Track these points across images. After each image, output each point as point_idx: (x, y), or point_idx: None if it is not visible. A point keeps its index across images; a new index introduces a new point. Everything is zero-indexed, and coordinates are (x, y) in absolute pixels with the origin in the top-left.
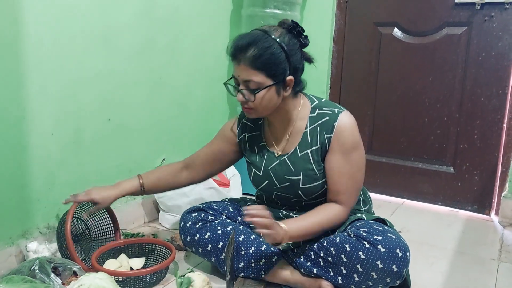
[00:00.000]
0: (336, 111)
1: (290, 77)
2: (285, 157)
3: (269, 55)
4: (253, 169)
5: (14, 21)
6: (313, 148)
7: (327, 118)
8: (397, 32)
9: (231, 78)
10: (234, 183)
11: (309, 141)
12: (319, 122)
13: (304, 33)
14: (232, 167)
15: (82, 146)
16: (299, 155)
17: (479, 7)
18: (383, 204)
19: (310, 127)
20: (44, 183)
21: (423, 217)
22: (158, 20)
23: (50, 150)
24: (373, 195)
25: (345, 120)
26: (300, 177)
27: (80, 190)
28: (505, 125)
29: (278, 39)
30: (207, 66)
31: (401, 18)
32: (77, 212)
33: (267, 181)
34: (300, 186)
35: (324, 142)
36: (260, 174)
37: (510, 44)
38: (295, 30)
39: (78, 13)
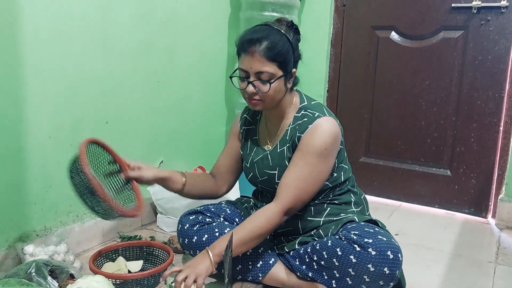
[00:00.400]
0: (316, 115)
1: (294, 69)
2: (267, 152)
3: (280, 47)
4: (243, 161)
5: (12, 23)
6: (288, 145)
7: (306, 119)
8: (394, 35)
9: (235, 70)
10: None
11: (287, 138)
12: (299, 122)
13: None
14: None
15: None
16: (278, 150)
17: (475, 11)
18: (380, 206)
19: (292, 126)
20: (41, 186)
21: (420, 219)
22: (156, 23)
23: (47, 152)
24: (370, 198)
25: (320, 124)
26: (276, 171)
27: None
28: (501, 128)
29: (285, 33)
30: (205, 69)
31: (398, 22)
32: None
33: (252, 173)
34: (276, 180)
35: (294, 140)
36: (248, 165)
37: (507, 48)
38: (293, 27)
39: (77, 16)
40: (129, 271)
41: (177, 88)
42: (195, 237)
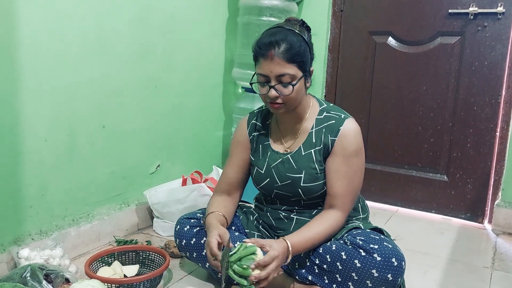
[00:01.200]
0: (342, 116)
1: (312, 68)
2: (288, 155)
3: (298, 47)
4: (256, 167)
5: (9, 26)
6: (317, 148)
7: (334, 121)
8: (391, 41)
9: (254, 75)
10: None
11: (314, 141)
12: (325, 124)
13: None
14: None
15: (76, 152)
16: (303, 154)
17: (472, 17)
18: (377, 212)
19: (316, 128)
20: (37, 189)
21: (417, 225)
22: (154, 27)
23: (43, 156)
24: (367, 203)
25: (350, 126)
26: (302, 175)
27: (73, 196)
28: (498, 133)
29: (300, 33)
30: (202, 73)
31: (396, 27)
32: None
33: (268, 179)
34: (301, 184)
35: (327, 143)
36: (262, 172)
37: (503, 54)
38: (304, 25)
39: (74, 19)
40: (125, 276)
41: (174, 92)
42: (194, 239)
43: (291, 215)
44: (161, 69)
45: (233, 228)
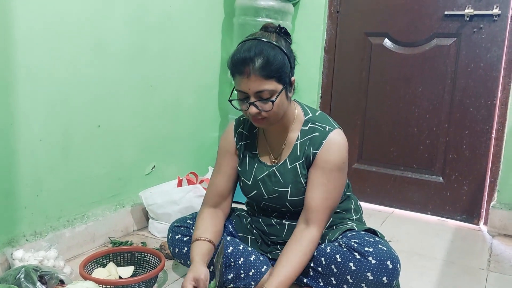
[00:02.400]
0: (327, 129)
1: (293, 78)
2: (274, 168)
3: (276, 61)
4: (243, 178)
5: (4, 26)
6: (300, 161)
7: (317, 133)
8: (387, 42)
9: (232, 92)
10: None
11: (298, 154)
12: (309, 136)
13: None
14: None
15: (71, 152)
16: (289, 167)
17: (468, 19)
18: (373, 213)
19: (301, 140)
20: (31, 190)
21: (412, 226)
22: (149, 27)
23: (38, 156)
24: (363, 204)
25: (334, 139)
26: (289, 189)
27: (67, 197)
28: (493, 135)
29: (277, 44)
30: (198, 73)
31: (392, 29)
32: None
33: (255, 191)
34: (288, 198)
35: (309, 156)
36: (249, 183)
37: (499, 56)
38: (282, 32)
39: (70, 19)
40: (120, 277)
41: (170, 93)
42: (186, 248)
43: (283, 221)
44: (156, 69)
45: (224, 233)
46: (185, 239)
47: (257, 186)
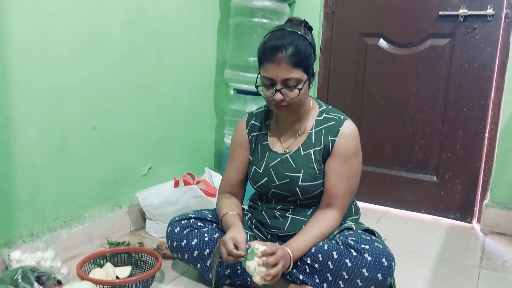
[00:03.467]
0: (342, 118)
1: (315, 69)
2: (287, 155)
3: (305, 52)
4: (254, 167)
5: None
6: (316, 148)
7: (333, 122)
8: (382, 42)
9: (257, 77)
10: None
11: (313, 141)
12: (325, 125)
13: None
14: (219, 176)
15: (67, 154)
16: (302, 153)
17: (462, 19)
18: (368, 212)
19: (316, 129)
20: (28, 191)
21: (406, 225)
22: (145, 28)
23: (34, 158)
24: (358, 203)
25: (349, 127)
26: (301, 174)
27: (64, 198)
28: (486, 135)
29: (305, 36)
30: (194, 74)
31: (387, 29)
32: None
33: (266, 178)
34: (299, 183)
35: (328, 144)
36: (260, 171)
37: (492, 56)
38: (307, 25)
39: (66, 20)
40: (117, 277)
41: (166, 93)
42: (184, 241)
43: (286, 214)
44: (152, 70)
45: (214, 225)
46: (185, 232)
47: (268, 173)
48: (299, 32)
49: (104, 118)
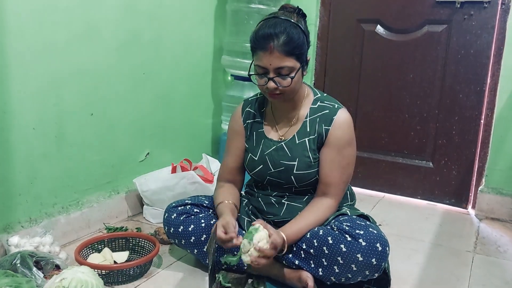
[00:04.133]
0: (336, 106)
1: (309, 57)
2: (282, 143)
3: (297, 40)
4: (250, 154)
5: None
6: (311, 137)
7: (327, 111)
8: (379, 29)
9: (250, 65)
10: None
11: (308, 130)
12: (319, 113)
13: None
14: (217, 162)
15: (65, 140)
16: (297, 142)
17: (459, 6)
18: (364, 198)
19: (310, 117)
20: (26, 177)
21: (402, 210)
22: (142, 14)
23: (32, 144)
24: (354, 189)
25: (343, 116)
26: (296, 162)
27: (62, 184)
28: (482, 121)
29: (298, 24)
30: (191, 61)
31: (384, 15)
32: None
33: (261, 166)
34: (294, 171)
35: (322, 133)
36: (256, 158)
37: (488, 42)
38: (300, 13)
39: (61, 6)
40: (115, 262)
41: (163, 80)
42: (181, 227)
43: (282, 201)
44: (149, 57)
45: (211, 211)
46: (181, 218)
47: (263, 161)
48: (292, 20)
49: (101, 105)
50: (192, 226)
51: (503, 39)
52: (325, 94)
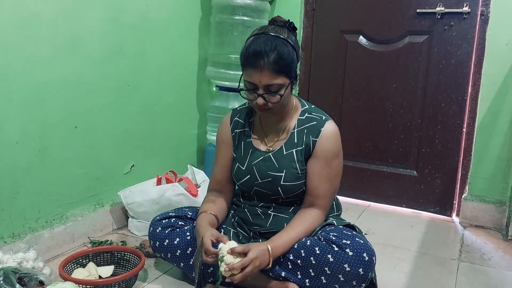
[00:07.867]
0: (323, 118)
1: (298, 72)
2: (270, 154)
3: (287, 58)
4: (237, 163)
5: None
6: (298, 148)
7: (315, 122)
8: (362, 39)
9: (240, 80)
10: (204, 189)
11: (295, 141)
12: (307, 125)
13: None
14: (202, 173)
15: (48, 154)
16: (284, 153)
17: (439, 17)
18: (349, 207)
19: (298, 128)
20: (8, 191)
21: (388, 219)
22: (126, 26)
23: (15, 158)
24: (340, 198)
25: (331, 128)
26: (283, 174)
27: (45, 198)
28: (464, 129)
29: (288, 40)
30: (176, 72)
31: (366, 27)
32: None
33: (248, 176)
34: (281, 182)
35: (309, 144)
36: (243, 168)
37: (469, 52)
38: (291, 26)
39: (45, 19)
40: (100, 277)
41: (148, 91)
42: (167, 240)
43: (268, 212)
44: (134, 68)
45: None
46: (166, 231)
47: (251, 171)
48: (282, 36)
49: (85, 117)
50: (177, 239)
51: (483, 49)
52: (313, 106)
